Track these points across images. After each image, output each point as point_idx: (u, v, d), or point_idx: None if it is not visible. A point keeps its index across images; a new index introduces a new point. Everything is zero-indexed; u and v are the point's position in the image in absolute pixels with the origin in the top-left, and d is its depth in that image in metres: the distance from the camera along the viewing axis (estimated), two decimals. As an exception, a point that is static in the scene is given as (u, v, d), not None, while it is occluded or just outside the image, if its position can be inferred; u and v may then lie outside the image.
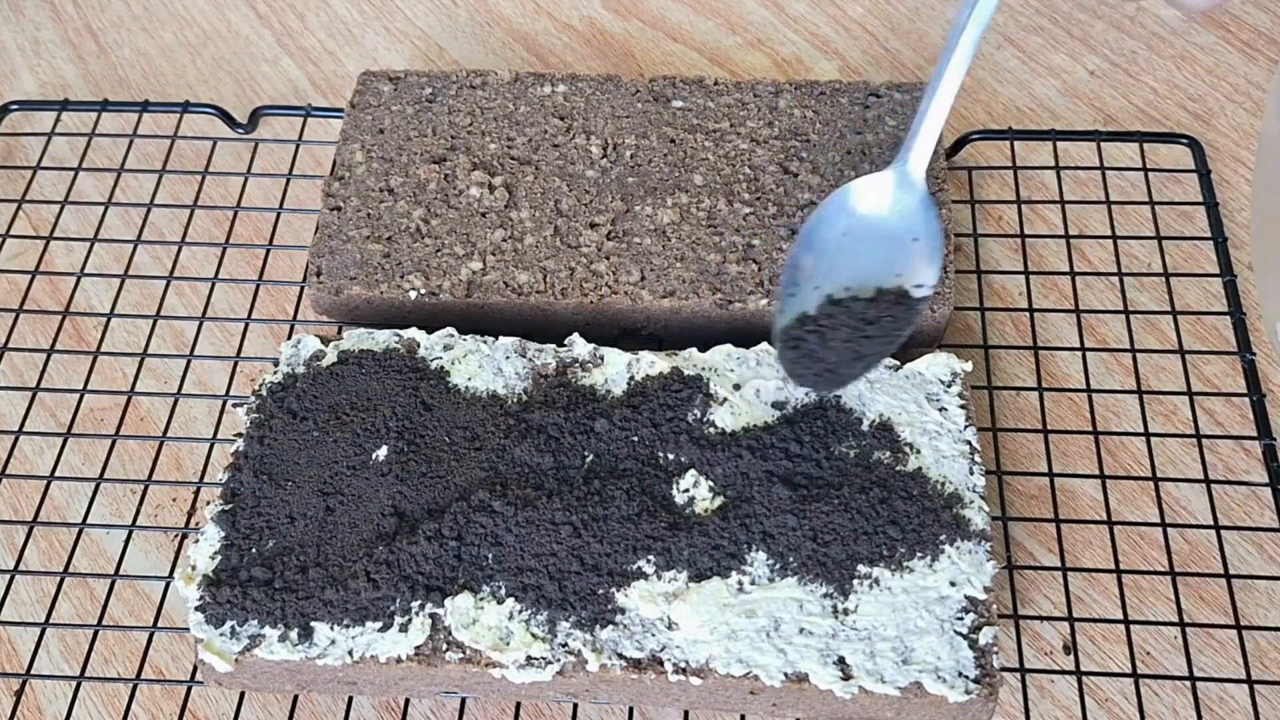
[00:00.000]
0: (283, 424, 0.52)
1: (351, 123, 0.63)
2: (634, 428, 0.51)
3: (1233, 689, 0.50)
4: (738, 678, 0.45)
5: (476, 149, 0.62)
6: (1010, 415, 0.58)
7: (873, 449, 0.50)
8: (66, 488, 0.57)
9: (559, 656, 0.46)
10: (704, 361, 0.53)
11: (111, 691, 0.51)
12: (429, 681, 0.47)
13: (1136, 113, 0.69)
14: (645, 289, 0.56)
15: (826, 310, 0.50)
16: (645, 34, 0.76)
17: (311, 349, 0.54)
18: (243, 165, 0.68)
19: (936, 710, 0.45)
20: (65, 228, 0.66)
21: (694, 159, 0.61)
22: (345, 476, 0.50)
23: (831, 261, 0.51)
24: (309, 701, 0.51)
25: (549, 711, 0.51)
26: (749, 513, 0.48)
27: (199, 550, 0.48)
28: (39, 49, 0.76)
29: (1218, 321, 0.60)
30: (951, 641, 0.45)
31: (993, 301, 0.61)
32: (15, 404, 0.59)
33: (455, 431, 0.51)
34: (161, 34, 0.77)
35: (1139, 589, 0.53)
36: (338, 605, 0.47)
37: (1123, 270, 0.62)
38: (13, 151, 0.69)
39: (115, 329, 0.62)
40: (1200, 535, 0.54)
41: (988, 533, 0.48)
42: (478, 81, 0.65)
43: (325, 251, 0.58)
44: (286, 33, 0.77)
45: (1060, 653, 0.51)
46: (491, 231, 0.58)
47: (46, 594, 0.53)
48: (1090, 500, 0.55)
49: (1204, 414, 0.57)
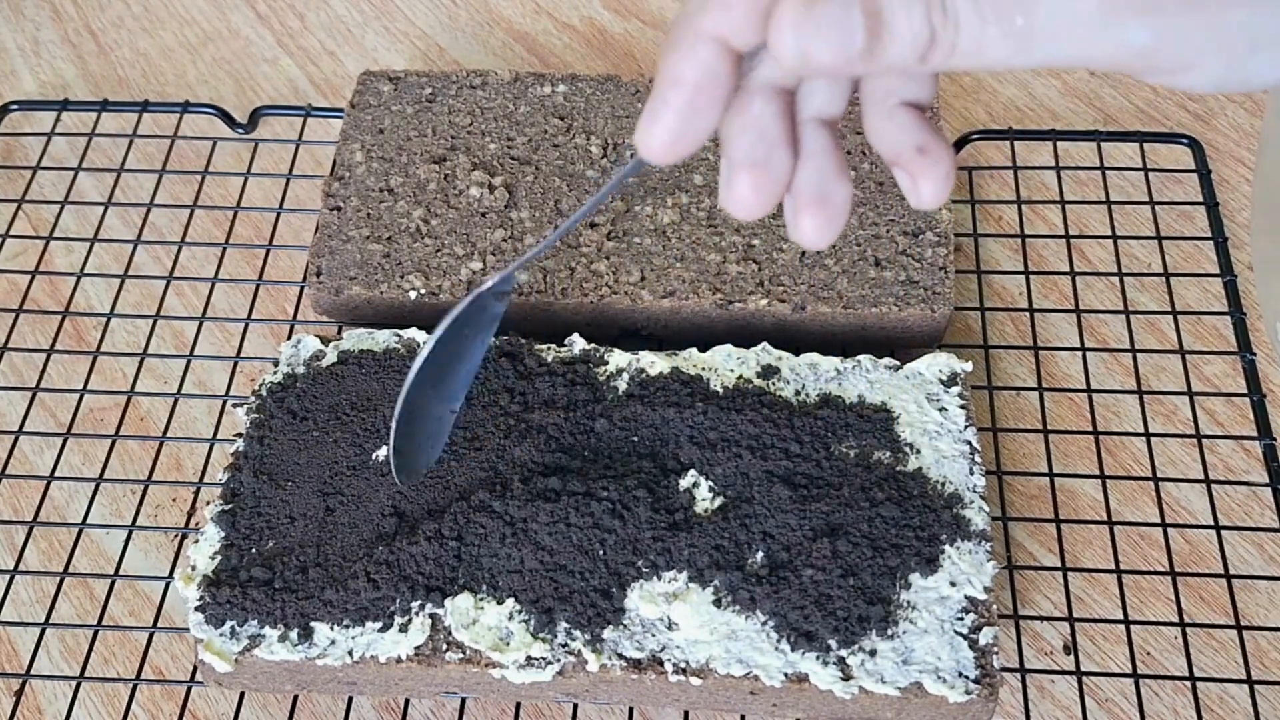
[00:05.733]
0: (282, 424, 0.52)
1: (351, 122, 0.63)
2: (634, 428, 0.51)
3: (1233, 689, 0.50)
4: (738, 678, 0.45)
5: (476, 149, 0.62)
6: (1010, 415, 0.58)
7: (873, 449, 0.50)
8: (66, 488, 0.57)
9: (559, 657, 0.45)
10: (704, 361, 0.53)
11: (111, 692, 0.51)
12: (429, 682, 0.47)
13: (1136, 112, 0.69)
14: (645, 289, 0.56)
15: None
16: (645, 34, 0.76)
17: (311, 349, 0.54)
18: (243, 165, 0.68)
19: (937, 710, 0.45)
20: (65, 228, 0.66)
21: (694, 158, 0.61)
22: (345, 477, 0.50)
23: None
24: (309, 702, 0.51)
25: (549, 712, 0.51)
26: (749, 513, 0.48)
27: (199, 550, 0.48)
28: (39, 49, 0.76)
29: (1218, 321, 0.60)
30: (952, 642, 0.45)
31: (993, 301, 0.61)
32: (15, 404, 0.59)
33: (455, 431, 0.51)
34: (161, 34, 0.77)
35: (1139, 589, 0.53)
36: (338, 605, 0.46)
37: (1123, 270, 0.62)
38: (12, 151, 0.69)
39: (115, 329, 0.62)
40: (1201, 535, 0.54)
41: (988, 533, 0.48)
42: (478, 81, 0.65)
43: (325, 251, 0.58)
44: (286, 33, 0.77)
45: (1060, 653, 0.51)
46: (491, 231, 0.58)
47: (46, 594, 0.53)
48: (1090, 500, 0.55)
49: (1204, 414, 0.57)
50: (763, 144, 0.32)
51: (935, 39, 0.28)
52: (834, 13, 0.27)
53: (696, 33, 0.29)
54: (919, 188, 0.32)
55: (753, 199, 0.32)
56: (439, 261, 0.57)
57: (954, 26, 0.27)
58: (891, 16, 0.27)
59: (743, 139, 0.32)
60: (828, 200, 0.33)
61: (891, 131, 0.33)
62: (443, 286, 0.56)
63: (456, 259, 0.57)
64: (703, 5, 0.29)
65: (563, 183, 0.60)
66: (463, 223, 0.59)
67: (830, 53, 0.27)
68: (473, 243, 0.58)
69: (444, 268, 0.57)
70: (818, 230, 0.33)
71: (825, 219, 0.33)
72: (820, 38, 0.27)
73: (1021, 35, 0.27)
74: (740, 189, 0.32)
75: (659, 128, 0.30)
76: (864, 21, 0.27)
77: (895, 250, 0.57)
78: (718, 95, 0.30)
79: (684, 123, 0.30)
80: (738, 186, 0.32)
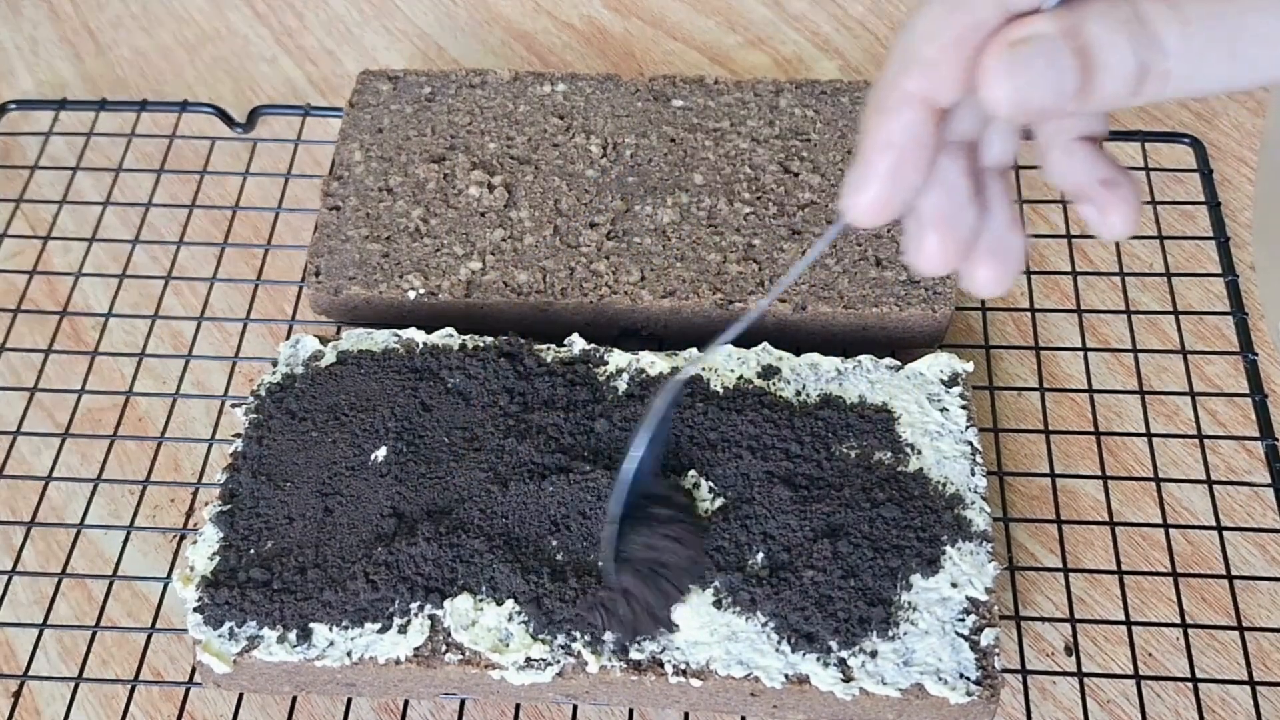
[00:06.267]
0: (281, 424, 0.52)
1: (350, 122, 0.63)
2: (634, 428, 0.50)
3: (1235, 690, 0.50)
4: (738, 679, 0.45)
5: (476, 148, 0.62)
6: (1012, 416, 0.57)
7: (874, 449, 0.50)
8: (64, 488, 0.56)
9: (559, 658, 0.45)
10: (704, 361, 0.53)
11: (109, 693, 0.51)
12: (428, 683, 0.47)
13: (1138, 112, 0.69)
14: (645, 289, 0.56)
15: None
16: (645, 33, 0.75)
17: (310, 349, 0.54)
18: (241, 165, 0.67)
19: (938, 712, 0.45)
20: (63, 227, 0.65)
21: (694, 158, 0.61)
22: (344, 477, 0.50)
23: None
24: (307, 703, 0.50)
25: (549, 713, 0.50)
26: (750, 514, 0.48)
27: (197, 551, 0.48)
28: (37, 48, 0.76)
29: (1220, 321, 0.60)
30: (953, 643, 0.45)
31: (994, 301, 0.61)
32: (13, 404, 0.59)
33: (454, 432, 0.51)
34: (159, 33, 0.77)
35: (1141, 590, 0.53)
36: (336, 606, 0.46)
37: (1124, 270, 0.62)
38: (10, 151, 0.69)
39: (113, 329, 0.62)
40: (1202, 536, 0.54)
41: (989, 534, 0.48)
42: (477, 81, 0.64)
43: (324, 251, 0.58)
44: (285, 32, 0.76)
45: (1062, 654, 0.51)
46: (491, 231, 0.58)
47: (44, 595, 0.53)
48: (1092, 501, 0.55)
49: (1206, 414, 0.57)
50: (950, 201, 0.32)
51: (1147, 70, 0.27)
52: (1045, 55, 0.27)
53: (901, 94, 0.29)
54: (1109, 219, 0.32)
55: (940, 257, 0.32)
56: (438, 261, 0.57)
57: (1162, 53, 0.27)
58: (1101, 51, 0.27)
59: (930, 196, 0.32)
60: (1004, 250, 0.33)
61: (1074, 168, 0.33)
62: (442, 286, 0.56)
63: (455, 259, 0.57)
64: (905, 66, 0.29)
65: (562, 182, 0.60)
66: (462, 222, 0.59)
67: (1046, 95, 0.27)
68: (472, 242, 0.58)
69: (443, 267, 0.57)
70: (993, 282, 0.33)
71: (1002, 270, 0.33)
72: (1035, 81, 0.27)
73: (1232, 51, 0.27)
74: (929, 248, 0.32)
75: (868, 194, 0.30)
76: (1075, 61, 0.27)
77: (896, 250, 0.57)
78: (924, 157, 0.30)
79: (892, 187, 0.30)
80: (927, 245, 0.32)
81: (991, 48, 0.28)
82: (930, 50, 0.29)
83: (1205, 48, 0.27)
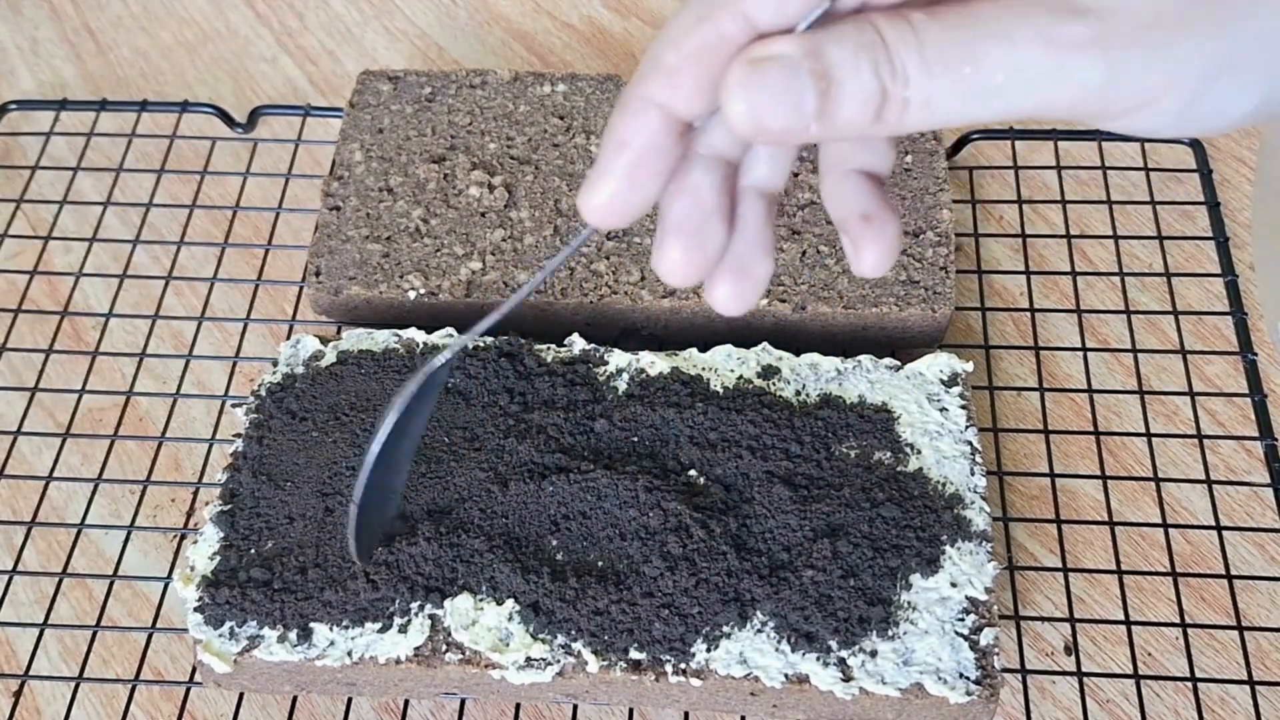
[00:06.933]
0: (282, 424, 0.52)
1: (350, 122, 0.63)
2: (634, 428, 0.51)
3: (1234, 690, 0.50)
4: (738, 679, 0.45)
5: (476, 148, 0.62)
6: (1011, 415, 0.57)
7: (873, 449, 0.50)
8: (65, 488, 0.56)
9: (559, 658, 0.45)
10: (704, 361, 0.53)
11: (110, 692, 0.51)
12: (428, 682, 0.47)
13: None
14: (645, 289, 0.56)
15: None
16: (645, 33, 0.75)
17: (310, 349, 0.54)
18: (241, 165, 0.67)
19: (937, 711, 0.45)
20: (64, 227, 0.66)
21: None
22: (344, 477, 0.50)
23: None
24: (308, 703, 0.50)
25: (549, 713, 0.50)
26: (750, 513, 0.48)
27: (198, 551, 0.48)
28: (37, 48, 0.76)
29: (1219, 321, 0.60)
30: (952, 642, 0.45)
31: (994, 301, 0.61)
32: (13, 404, 0.59)
33: (455, 432, 0.51)
34: (160, 33, 0.77)
35: (1140, 590, 0.53)
36: (337, 606, 0.46)
37: (1124, 270, 0.62)
38: (11, 151, 0.69)
39: (114, 329, 0.62)
40: (1202, 536, 0.54)
41: (989, 533, 0.48)
42: (477, 81, 0.64)
43: (324, 251, 0.58)
44: (285, 32, 0.76)
45: (1061, 654, 0.51)
46: (491, 231, 0.58)
47: (45, 595, 0.53)
48: (1091, 501, 0.55)
49: (1205, 414, 0.57)
50: (698, 213, 0.31)
51: (887, 96, 0.27)
52: (784, 75, 0.27)
53: (642, 99, 0.29)
54: (860, 254, 0.32)
55: (682, 267, 0.31)
56: (438, 261, 0.57)
57: (903, 81, 0.27)
58: (841, 75, 0.27)
59: (678, 205, 0.31)
60: (747, 272, 0.32)
61: (842, 198, 0.33)
62: (442, 286, 0.56)
63: (456, 259, 0.57)
64: (649, 72, 0.29)
65: (562, 182, 0.60)
66: (462, 222, 0.59)
67: (783, 117, 0.27)
68: (472, 242, 0.58)
69: (443, 268, 0.57)
70: (730, 299, 0.33)
71: (740, 290, 0.32)
72: (772, 101, 0.27)
73: (972, 86, 0.27)
74: (671, 255, 0.31)
75: (600, 193, 0.29)
76: (814, 83, 0.27)
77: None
78: (661, 164, 0.29)
79: (626, 190, 0.29)
80: (668, 252, 0.31)
81: (733, 65, 0.27)
82: (672, 58, 0.28)
83: (944, 75, 0.27)
